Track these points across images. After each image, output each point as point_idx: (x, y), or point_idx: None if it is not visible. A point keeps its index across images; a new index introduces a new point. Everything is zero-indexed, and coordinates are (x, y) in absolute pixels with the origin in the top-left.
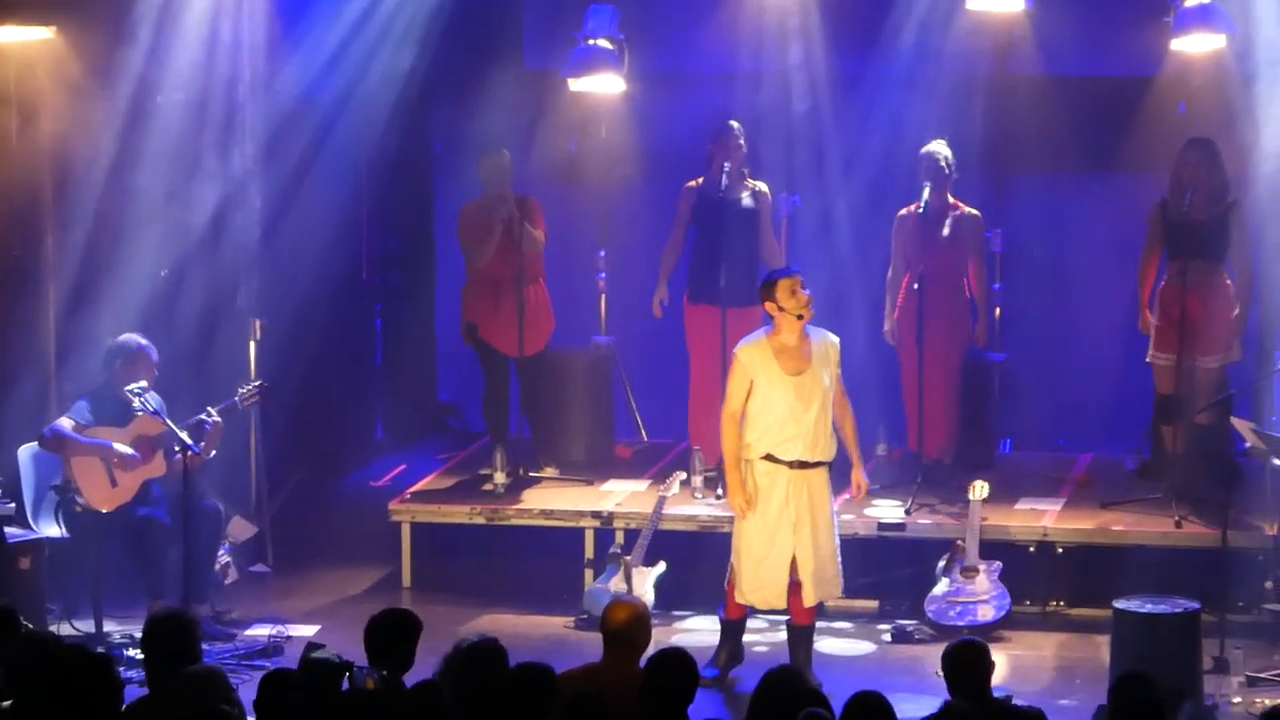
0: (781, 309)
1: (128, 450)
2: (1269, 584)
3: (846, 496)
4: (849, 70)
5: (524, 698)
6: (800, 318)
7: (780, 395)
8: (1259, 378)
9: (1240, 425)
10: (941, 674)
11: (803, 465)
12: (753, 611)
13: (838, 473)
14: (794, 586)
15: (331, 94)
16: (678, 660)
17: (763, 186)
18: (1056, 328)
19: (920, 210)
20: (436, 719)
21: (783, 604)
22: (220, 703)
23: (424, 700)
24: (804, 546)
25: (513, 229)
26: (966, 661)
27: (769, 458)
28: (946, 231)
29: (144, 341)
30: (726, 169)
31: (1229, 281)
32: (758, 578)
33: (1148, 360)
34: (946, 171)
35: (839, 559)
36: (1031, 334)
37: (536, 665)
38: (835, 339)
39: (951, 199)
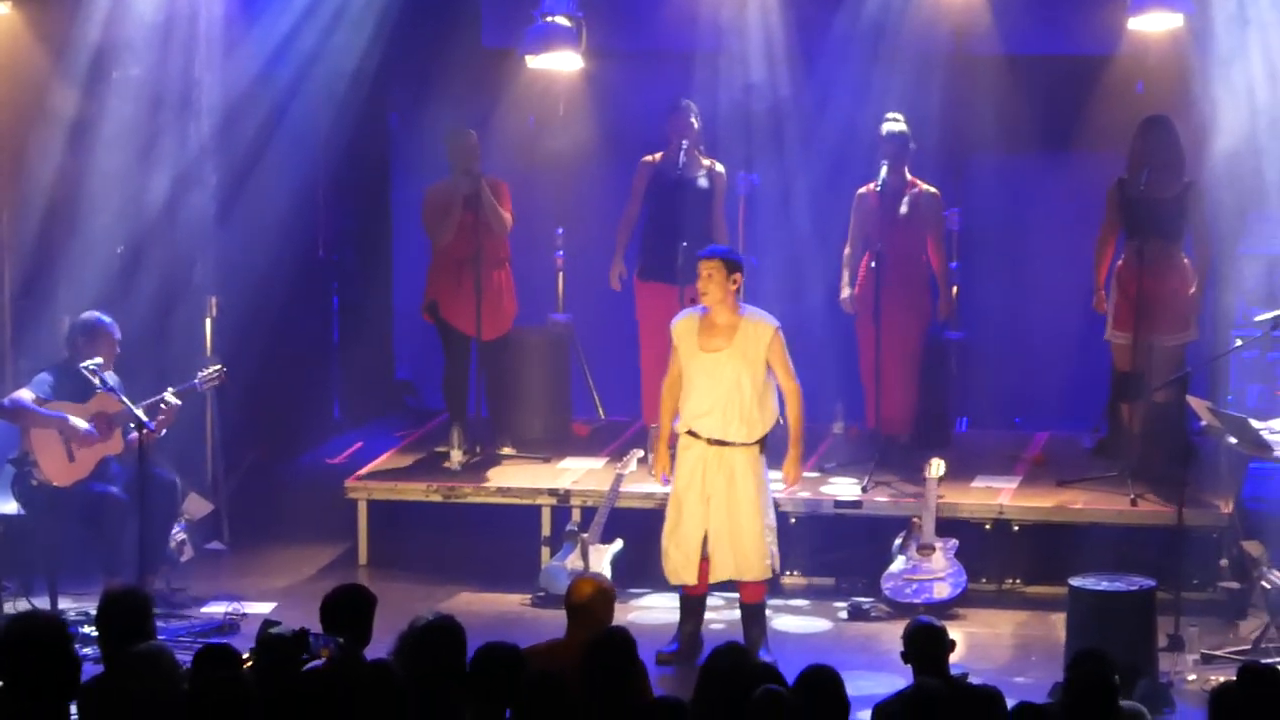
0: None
1: (85, 425)
2: (1224, 562)
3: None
4: (808, 48)
5: (488, 677)
6: (693, 300)
7: (696, 371)
8: (1216, 357)
9: (1196, 404)
10: (902, 656)
11: (721, 443)
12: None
13: (786, 445)
14: (705, 563)
15: (288, 71)
16: (617, 641)
17: (719, 166)
18: (1013, 306)
19: (878, 189)
20: (391, 697)
21: (692, 579)
22: (166, 680)
23: (379, 678)
24: (717, 523)
25: (478, 207)
26: (926, 641)
27: (690, 433)
28: (905, 210)
29: (106, 319)
30: (684, 147)
31: (1186, 260)
32: (666, 552)
33: (1106, 338)
34: (905, 149)
35: (768, 540)
36: (989, 312)
37: (502, 644)
38: (771, 325)
39: (910, 177)
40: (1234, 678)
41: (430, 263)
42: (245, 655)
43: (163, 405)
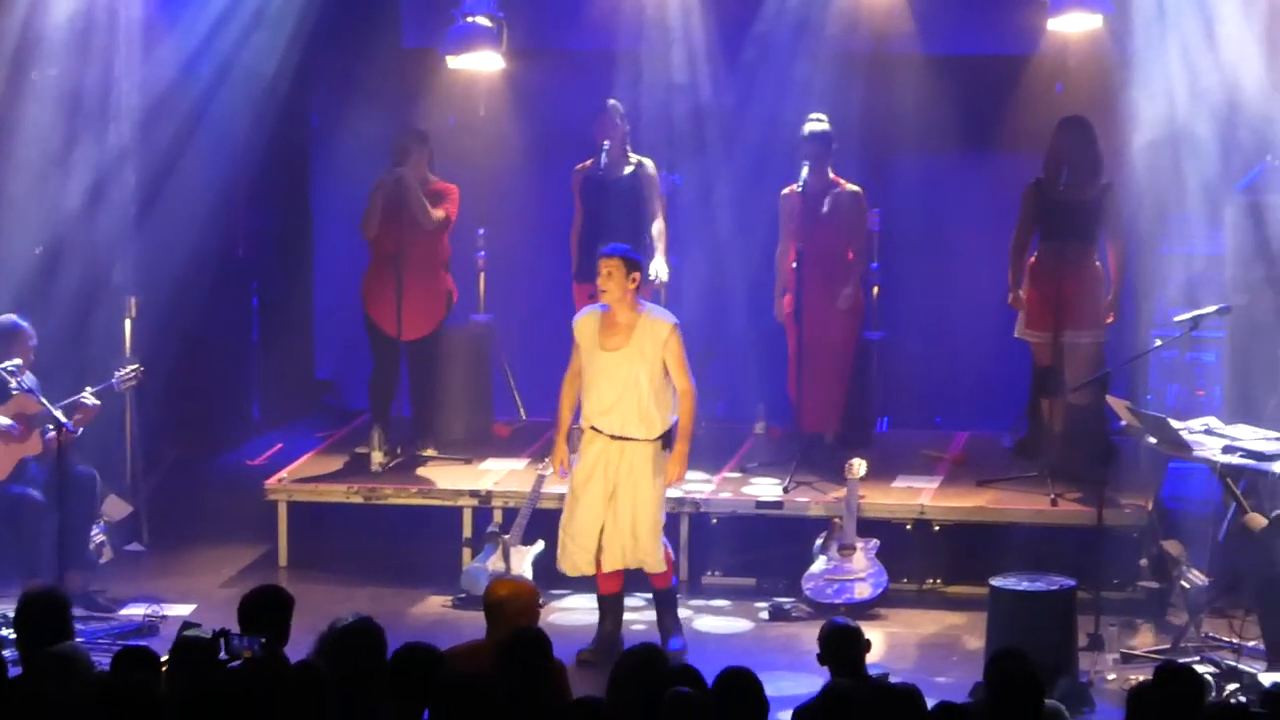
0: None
1: (5, 421)
2: (1144, 561)
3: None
4: (729, 47)
5: (407, 677)
6: (592, 297)
7: (596, 369)
8: (1135, 356)
9: (1116, 404)
10: (818, 657)
11: (621, 439)
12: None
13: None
14: (600, 553)
15: (208, 72)
16: (532, 640)
17: (647, 162)
18: (934, 306)
19: (800, 189)
20: (312, 697)
21: (590, 570)
22: (81, 682)
23: (306, 679)
24: (612, 517)
25: (400, 204)
26: (841, 642)
27: (592, 428)
28: (826, 209)
29: (22, 322)
30: (605, 148)
31: (1098, 263)
32: (563, 542)
33: (1017, 335)
34: (826, 149)
35: (659, 533)
36: (909, 312)
37: (421, 645)
38: (669, 323)
39: (833, 176)
40: (1152, 677)
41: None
42: (164, 657)
43: (81, 405)
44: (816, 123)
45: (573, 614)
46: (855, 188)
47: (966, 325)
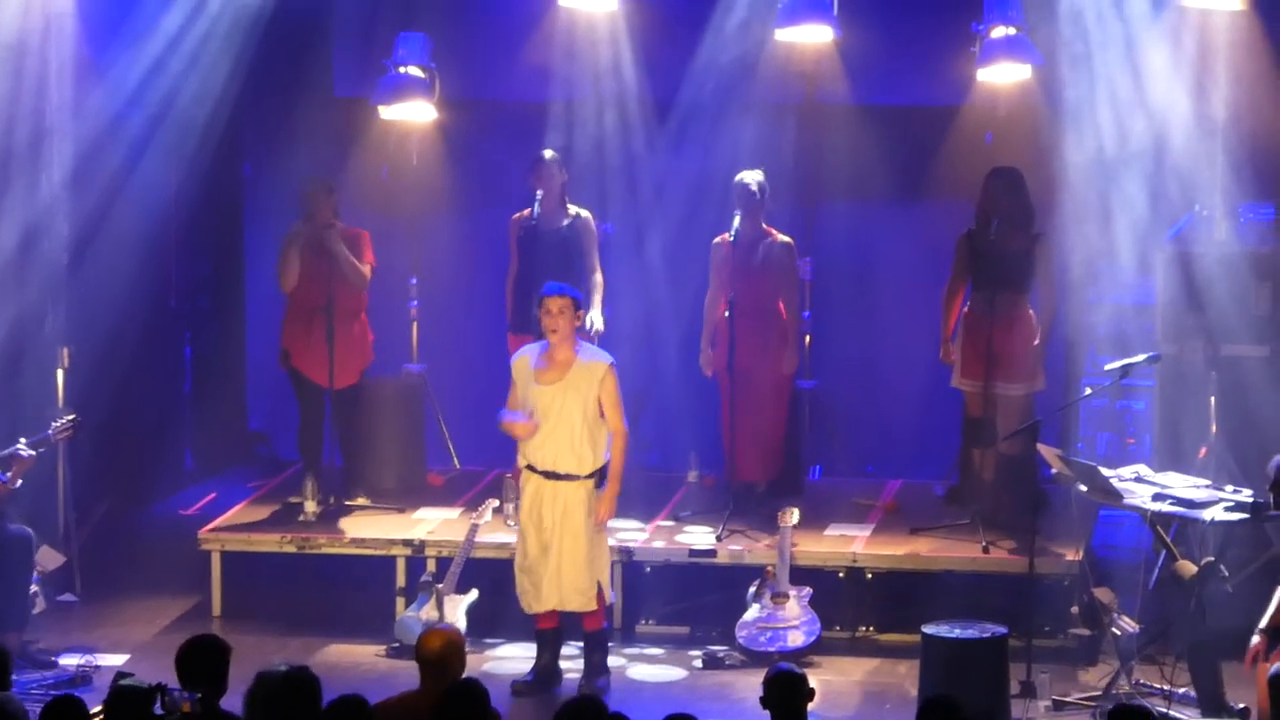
0: (541, 325)
1: None
2: (1075, 609)
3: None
4: (661, 98)
5: None
6: (547, 334)
7: (533, 402)
8: (1065, 405)
9: (1047, 452)
10: (761, 701)
11: (554, 476)
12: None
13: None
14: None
15: (140, 120)
16: (468, 691)
17: (585, 214)
18: (865, 355)
19: (732, 238)
20: None
21: (537, 607)
22: None
23: None
24: (550, 558)
25: (331, 258)
26: (787, 689)
27: (529, 466)
28: (758, 259)
29: None
30: (539, 198)
31: (1031, 312)
32: (519, 583)
33: (953, 384)
34: (759, 199)
35: (594, 572)
36: (841, 361)
37: (350, 697)
38: (605, 363)
39: (765, 226)
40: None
41: (285, 311)
42: (97, 708)
43: (17, 457)
44: (749, 173)
45: (507, 662)
46: (787, 238)
47: (898, 374)
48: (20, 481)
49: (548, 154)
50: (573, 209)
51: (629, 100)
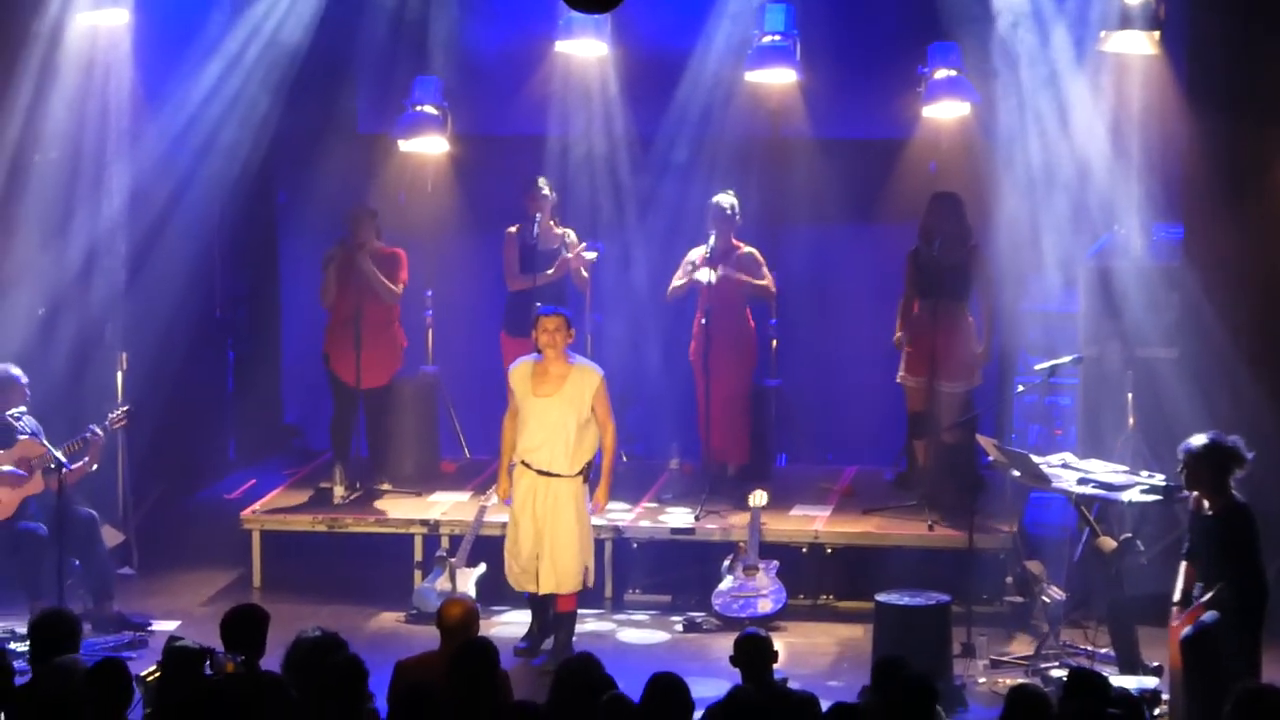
0: (536, 342)
1: (8, 467)
2: (1009, 579)
3: (645, 505)
4: (644, 132)
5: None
6: (541, 355)
7: (530, 411)
8: (1000, 400)
9: (985, 442)
10: (731, 660)
11: (548, 474)
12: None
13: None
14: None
15: (189, 152)
16: (481, 648)
17: (571, 235)
18: (825, 357)
19: (708, 255)
20: (284, 704)
21: (532, 587)
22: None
23: (274, 686)
24: (543, 543)
25: (350, 270)
26: (754, 650)
27: (523, 463)
28: (724, 272)
29: (15, 371)
30: (537, 219)
31: (970, 318)
32: (508, 562)
33: (898, 380)
34: (731, 216)
35: (584, 557)
36: (803, 362)
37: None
38: (598, 375)
39: (735, 241)
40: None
41: (328, 320)
42: (153, 668)
43: (92, 441)
44: (723, 196)
45: (511, 627)
46: (752, 249)
47: (853, 374)
48: (96, 466)
49: (541, 180)
50: (559, 230)
51: (616, 134)
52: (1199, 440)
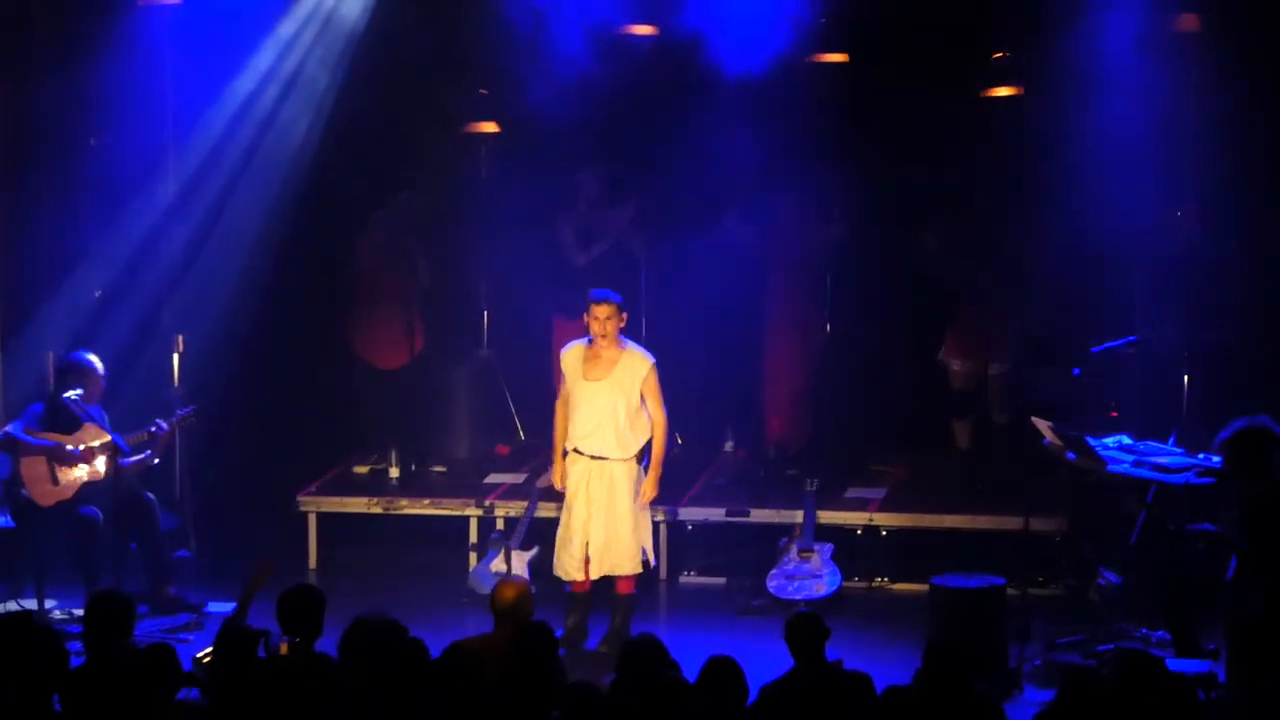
0: (589, 329)
1: (73, 448)
2: (1064, 562)
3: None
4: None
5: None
6: (592, 340)
7: (581, 396)
8: (1056, 380)
9: (1040, 424)
10: (785, 640)
11: (601, 459)
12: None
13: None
14: (588, 562)
15: (245, 139)
16: (542, 631)
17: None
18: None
19: None
20: (338, 686)
21: (580, 576)
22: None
23: (328, 669)
24: (596, 529)
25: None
26: (805, 630)
27: (576, 450)
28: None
29: (93, 357)
30: (590, 197)
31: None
32: (557, 552)
33: (941, 359)
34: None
35: (640, 540)
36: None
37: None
38: (649, 361)
39: None
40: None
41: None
42: (209, 649)
43: (158, 436)
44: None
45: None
46: None
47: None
48: (157, 460)
49: (591, 169)
50: (611, 211)
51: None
52: (1232, 429)
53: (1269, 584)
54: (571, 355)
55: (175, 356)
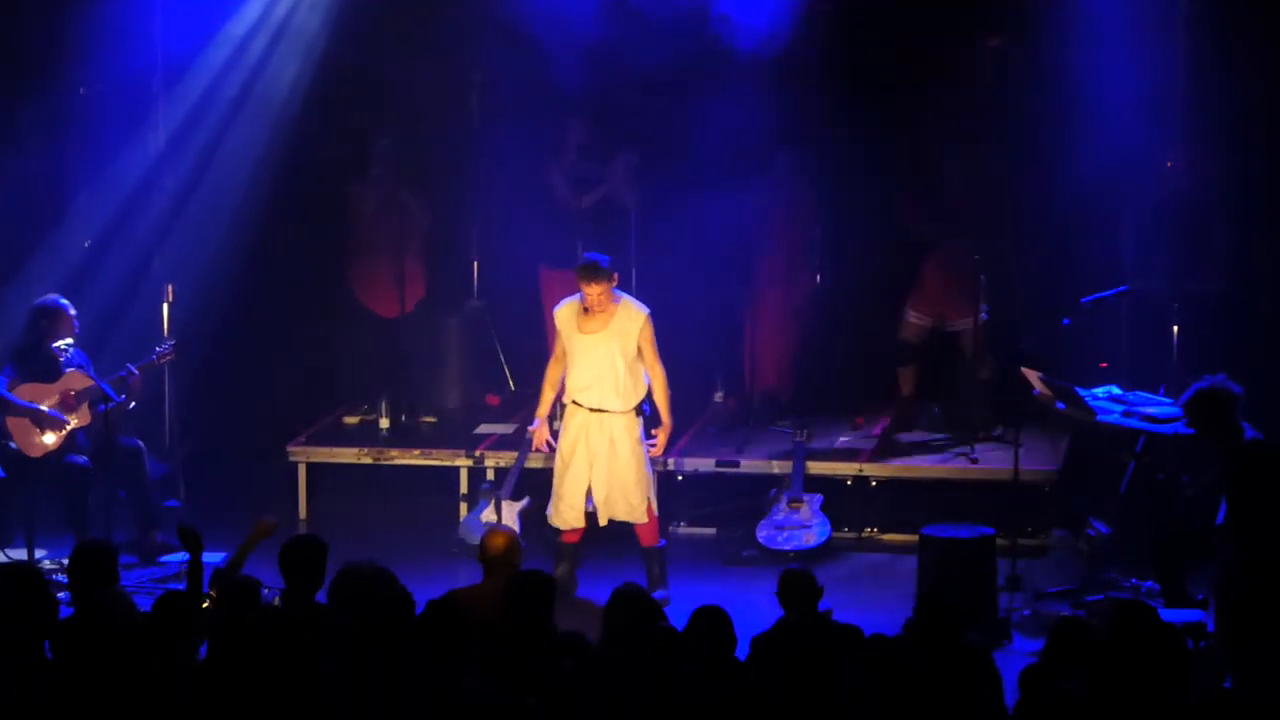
0: (585, 299)
1: (54, 413)
2: (1054, 512)
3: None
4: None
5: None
6: (588, 310)
7: (578, 349)
8: (1041, 334)
9: (1030, 374)
10: (776, 596)
11: (600, 411)
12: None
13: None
14: (592, 514)
15: (235, 88)
16: (538, 581)
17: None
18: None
19: None
20: (335, 636)
21: (580, 523)
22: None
23: (327, 619)
24: (598, 479)
25: (389, 205)
26: (796, 584)
27: (574, 402)
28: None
29: (63, 300)
30: (576, 146)
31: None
32: (555, 502)
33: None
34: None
35: (644, 489)
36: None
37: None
38: (643, 314)
39: None
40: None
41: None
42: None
43: (130, 381)
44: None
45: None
46: None
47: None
48: (134, 404)
49: (580, 125)
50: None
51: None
52: (1191, 391)
53: (1246, 540)
54: (565, 311)
55: (165, 306)
